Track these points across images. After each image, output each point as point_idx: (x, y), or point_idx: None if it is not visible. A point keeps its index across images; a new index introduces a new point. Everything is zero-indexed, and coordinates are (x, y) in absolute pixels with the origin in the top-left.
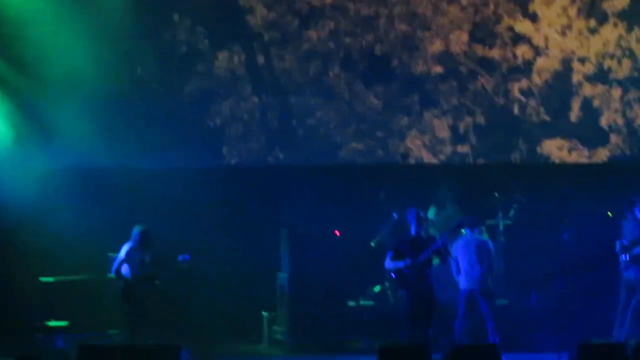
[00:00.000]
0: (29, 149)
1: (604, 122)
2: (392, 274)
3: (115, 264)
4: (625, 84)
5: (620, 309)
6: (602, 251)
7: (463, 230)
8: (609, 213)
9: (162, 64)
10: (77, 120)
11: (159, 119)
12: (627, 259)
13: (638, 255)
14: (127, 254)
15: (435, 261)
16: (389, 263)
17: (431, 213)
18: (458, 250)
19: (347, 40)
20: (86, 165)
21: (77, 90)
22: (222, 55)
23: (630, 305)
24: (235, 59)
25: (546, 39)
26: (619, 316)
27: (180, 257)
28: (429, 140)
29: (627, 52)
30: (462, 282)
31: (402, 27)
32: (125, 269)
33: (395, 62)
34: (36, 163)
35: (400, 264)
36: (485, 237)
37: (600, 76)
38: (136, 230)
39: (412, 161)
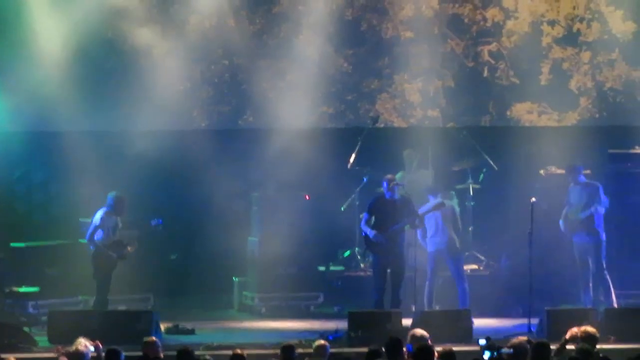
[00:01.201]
0: (1, 114)
1: (573, 85)
2: (363, 234)
3: (90, 229)
4: (594, 47)
5: (581, 274)
6: None
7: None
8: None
9: (132, 26)
10: (46, 82)
11: (130, 81)
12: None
13: (586, 219)
14: (102, 219)
15: (408, 226)
16: (364, 225)
17: (399, 176)
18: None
19: (317, 3)
20: (55, 128)
21: (45, 51)
22: (193, 18)
23: (589, 268)
24: (206, 22)
25: (516, 1)
26: (581, 281)
27: (152, 222)
28: (399, 104)
29: (596, 15)
30: (429, 244)
31: None
32: (98, 235)
33: (364, 26)
34: (3, 126)
35: (371, 233)
36: (455, 203)
37: (570, 39)
38: (110, 196)
39: (382, 125)
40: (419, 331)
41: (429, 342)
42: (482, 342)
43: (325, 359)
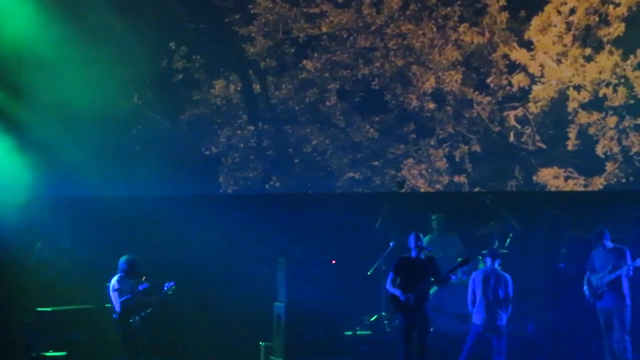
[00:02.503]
0: (28, 178)
1: (599, 150)
2: (389, 294)
3: (114, 298)
4: (620, 112)
5: (606, 339)
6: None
7: (481, 264)
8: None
9: (158, 91)
10: (75, 148)
11: (156, 146)
12: (603, 286)
13: (612, 283)
14: (118, 283)
15: (433, 289)
16: (389, 285)
17: (426, 240)
18: (476, 282)
19: (343, 72)
20: (83, 193)
21: (74, 118)
22: (219, 84)
23: (613, 333)
24: (232, 87)
25: (542, 67)
26: (606, 347)
27: (166, 285)
28: (425, 169)
29: (622, 80)
30: (476, 316)
31: (398, 61)
32: (115, 300)
33: (389, 96)
34: (34, 192)
35: (398, 293)
36: (480, 266)
37: (596, 104)
38: (122, 260)
39: (408, 190)
40: None
41: None
42: None
43: None
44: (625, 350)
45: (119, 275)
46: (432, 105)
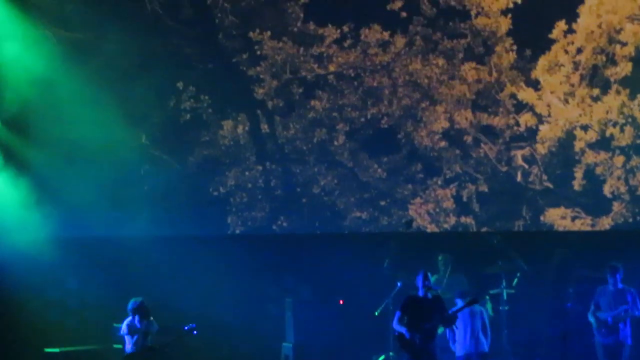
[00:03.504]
0: (34, 218)
1: (607, 190)
2: (395, 333)
3: (125, 340)
4: (627, 152)
5: None
6: None
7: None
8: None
9: (166, 131)
10: (82, 188)
11: (163, 187)
12: (606, 323)
13: (617, 321)
14: (128, 327)
15: (440, 329)
16: (396, 324)
17: (433, 280)
18: None
19: (351, 111)
20: (91, 233)
21: (81, 159)
22: (227, 124)
23: None
24: (240, 127)
25: (549, 106)
26: None
27: (186, 327)
28: (432, 209)
29: (629, 120)
30: (458, 349)
31: (406, 99)
32: (128, 344)
33: (400, 135)
34: (41, 232)
35: (404, 331)
36: (489, 308)
37: (603, 144)
38: (131, 303)
39: (415, 229)
40: None
41: None
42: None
43: None
44: None
45: (129, 318)
46: (443, 143)
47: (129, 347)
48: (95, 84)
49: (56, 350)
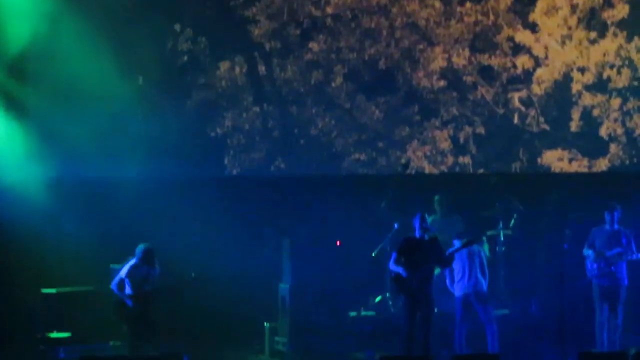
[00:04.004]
0: (30, 160)
1: (603, 132)
2: (392, 274)
3: (116, 279)
4: (624, 94)
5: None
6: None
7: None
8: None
9: (163, 74)
10: (79, 130)
11: (161, 128)
12: (601, 264)
13: (613, 261)
14: (128, 272)
15: (437, 271)
16: (392, 265)
17: (429, 221)
18: None
19: (349, 53)
20: (87, 175)
21: (78, 100)
22: (224, 66)
23: (606, 311)
24: (237, 69)
25: (546, 49)
26: (597, 325)
27: (193, 274)
28: (429, 151)
29: (626, 62)
30: (457, 289)
31: (404, 41)
32: (126, 286)
33: (398, 76)
34: (37, 174)
35: (402, 271)
36: (485, 249)
37: (600, 86)
38: (138, 249)
39: (412, 171)
40: None
41: None
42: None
43: None
44: (616, 329)
45: (134, 262)
46: (441, 83)
47: (127, 290)
48: (92, 26)
49: (53, 291)
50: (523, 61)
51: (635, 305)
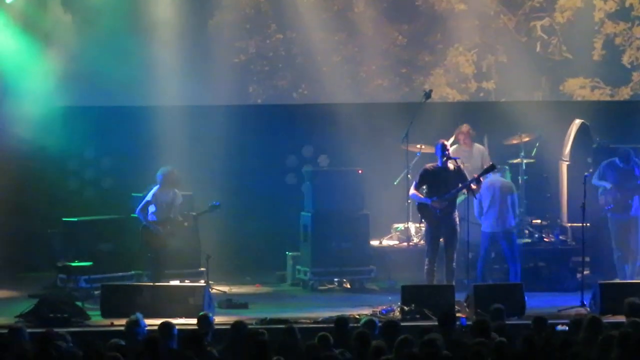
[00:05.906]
0: (52, 89)
1: (625, 60)
2: (416, 203)
3: (141, 204)
4: None
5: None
6: None
7: (508, 173)
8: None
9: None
10: (101, 59)
11: (183, 55)
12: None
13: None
14: (154, 195)
15: (461, 198)
16: (413, 192)
17: (453, 149)
18: (482, 192)
19: None
20: (110, 103)
21: (98, 28)
22: None
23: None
24: None
25: None
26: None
27: (215, 203)
28: (452, 78)
29: None
30: (485, 224)
31: None
32: (151, 210)
33: (419, 1)
34: (58, 101)
35: (426, 200)
36: (508, 177)
37: (622, 14)
38: (160, 173)
39: (435, 99)
40: None
41: None
42: None
43: (374, 332)
44: (636, 261)
45: (157, 186)
46: (462, 7)
47: (151, 216)
48: None
49: (74, 219)
50: None
51: None
